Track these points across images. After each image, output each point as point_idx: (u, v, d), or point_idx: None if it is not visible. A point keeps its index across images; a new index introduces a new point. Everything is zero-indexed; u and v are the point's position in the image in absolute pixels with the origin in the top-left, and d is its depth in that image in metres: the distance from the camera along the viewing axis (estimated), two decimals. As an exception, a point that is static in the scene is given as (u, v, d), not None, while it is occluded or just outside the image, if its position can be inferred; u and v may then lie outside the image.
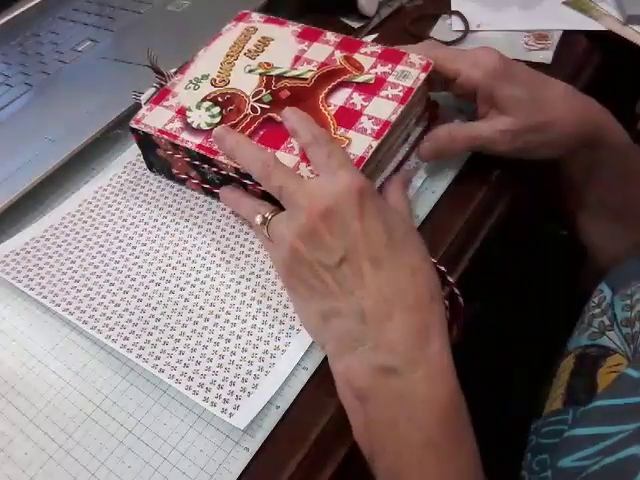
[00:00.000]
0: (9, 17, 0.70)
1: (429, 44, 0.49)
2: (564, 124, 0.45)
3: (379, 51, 0.48)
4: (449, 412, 0.34)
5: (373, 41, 0.60)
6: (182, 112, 0.46)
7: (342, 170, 0.38)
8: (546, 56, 0.57)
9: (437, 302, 0.36)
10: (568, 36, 0.59)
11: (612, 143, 0.47)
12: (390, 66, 0.46)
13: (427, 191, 0.47)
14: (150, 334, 0.40)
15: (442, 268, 0.41)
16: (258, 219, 0.40)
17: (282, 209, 0.40)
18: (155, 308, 0.42)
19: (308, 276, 0.37)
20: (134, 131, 0.46)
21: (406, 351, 0.34)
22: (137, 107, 0.49)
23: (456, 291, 0.41)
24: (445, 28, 0.62)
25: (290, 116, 0.43)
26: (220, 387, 0.37)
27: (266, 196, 0.42)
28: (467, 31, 0.61)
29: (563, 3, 0.63)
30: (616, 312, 0.40)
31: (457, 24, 0.62)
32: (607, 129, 0.47)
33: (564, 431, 0.38)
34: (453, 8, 0.64)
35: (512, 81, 0.44)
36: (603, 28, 0.60)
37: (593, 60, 0.60)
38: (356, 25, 0.64)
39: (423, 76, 0.45)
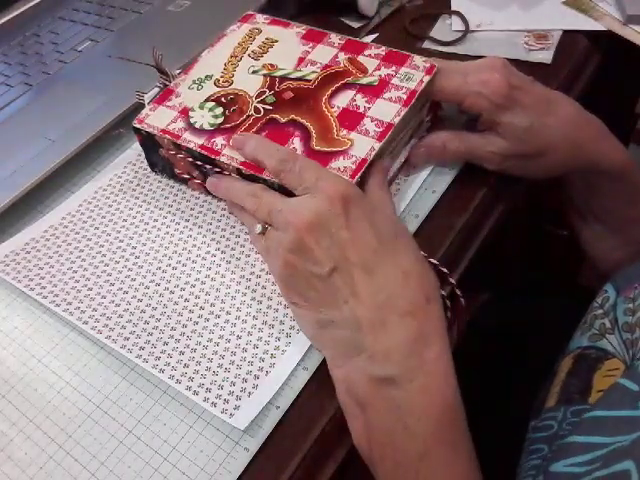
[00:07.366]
0: (9, 17, 0.70)
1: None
2: (555, 154, 0.45)
3: (383, 53, 0.47)
4: (445, 422, 0.34)
5: (373, 41, 0.60)
6: (185, 112, 0.46)
7: (321, 182, 0.37)
8: (546, 56, 0.57)
9: (433, 303, 0.36)
10: (568, 36, 0.59)
11: (607, 170, 0.47)
12: (394, 68, 0.46)
13: (427, 191, 0.47)
14: (150, 334, 0.40)
15: (444, 269, 0.40)
16: (258, 228, 0.40)
17: None
18: (155, 308, 0.42)
19: (303, 287, 0.37)
20: (137, 131, 0.46)
21: (402, 360, 0.34)
22: (137, 107, 0.49)
23: (457, 292, 0.41)
24: (445, 28, 0.62)
25: (242, 143, 0.42)
26: (220, 387, 0.37)
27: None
28: (467, 31, 0.61)
29: (563, 3, 0.63)
30: (618, 316, 0.40)
31: (457, 24, 0.62)
32: (602, 158, 0.47)
33: (552, 427, 0.38)
34: (453, 8, 0.64)
35: (515, 108, 0.43)
36: (603, 28, 0.60)
37: (593, 60, 0.60)
38: (356, 25, 0.64)
39: (427, 79, 0.44)
